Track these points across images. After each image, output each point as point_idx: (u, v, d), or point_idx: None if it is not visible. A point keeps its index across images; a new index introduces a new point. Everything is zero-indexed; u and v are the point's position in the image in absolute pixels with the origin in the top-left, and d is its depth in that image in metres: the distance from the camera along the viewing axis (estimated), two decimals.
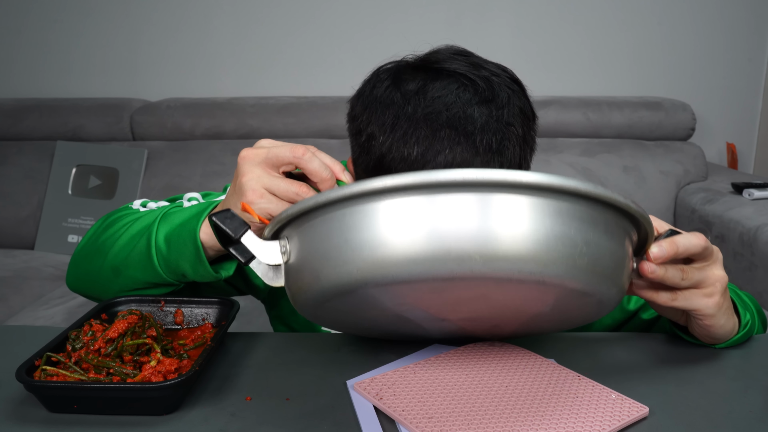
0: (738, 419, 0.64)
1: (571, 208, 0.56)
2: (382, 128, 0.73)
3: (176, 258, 0.75)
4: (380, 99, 0.74)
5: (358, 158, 0.78)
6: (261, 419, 0.64)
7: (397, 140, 0.71)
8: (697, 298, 0.69)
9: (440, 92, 0.71)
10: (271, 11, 2.59)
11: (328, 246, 0.56)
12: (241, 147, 2.62)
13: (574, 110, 2.38)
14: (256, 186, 0.67)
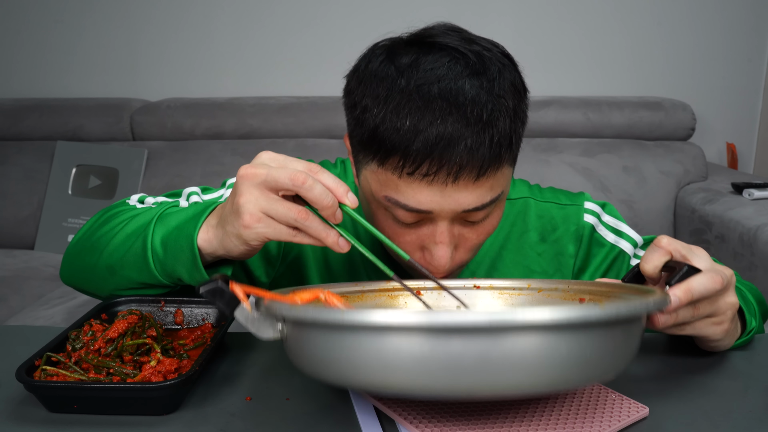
0: (738, 419, 0.64)
1: (588, 335, 0.52)
2: (376, 100, 0.73)
3: (172, 262, 0.74)
4: (374, 72, 0.75)
5: (353, 131, 0.78)
6: (261, 419, 0.64)
7: (389, 112, 0.71)
8: (706, 327, 0.69)
9: (432, 65, 0.72)
10: (271, 11, 2.59)
11: (326, 354, 0.54)
12: (241, 147, 2.63)
13: (574, 110, 2.39)
14: (253, 209, 0.65)
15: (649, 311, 0.56)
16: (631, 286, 0.69)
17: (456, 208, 0.73)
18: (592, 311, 0.50)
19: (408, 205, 0.73)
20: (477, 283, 0.80)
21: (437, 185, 0.71)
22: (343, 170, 1.01)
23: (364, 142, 0.75)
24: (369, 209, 0.81)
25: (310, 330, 0.54)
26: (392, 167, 0.72)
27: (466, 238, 0.79)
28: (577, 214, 0.97)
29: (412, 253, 0.79)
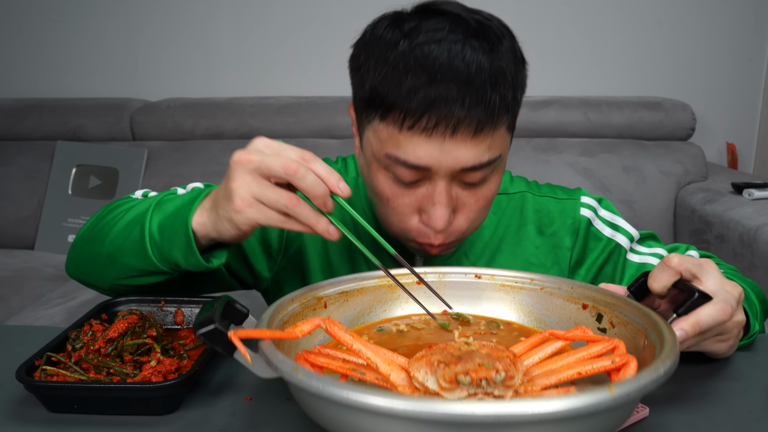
0: (738, 419, 0.64)
1: (596, 418, 0.50)
2: (379, 60, 0.76)
3: (169, 246, 0.75)
4: (379, 36, 0.78)
5: (357, 92, 0.81)
6: (261, 419, 0.64)
7: (392, 70, 0.74)
8: (711, 344, 0.70)
9: (434, 27, 0.75)
10: (271, 11, 2.59)
11: (323, 412, 0.54)
12: (241, 147, 2.62)
13: (574, 110, 2.38)
14: (245, 194, 0.67)
15: (659, 385, 0.54)
16: (637, 306, 0.68)
17: (454, 164, 0.75)
18: (603, 398, 0.48)
19: (408, 160, 0.75)
20: (478, 273, 0.80)
21: (436, 139, 0.74)
22: (344, 167, 1.02)
23: (366, 99, 0.78)
24: (369, 174, 0.82)
25: (309, 396, 0.54)
26: (393, 121, 0.75)
27: (464, 202, 0.80)
28: (573, 207, 0.98)
29: (410, 216, 0.81)
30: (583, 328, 0.68)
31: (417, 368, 0.59)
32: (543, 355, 0.66)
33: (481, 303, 0.80)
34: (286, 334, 0.60)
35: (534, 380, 0.61)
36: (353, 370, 0.62)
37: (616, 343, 0.63)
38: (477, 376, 0.55)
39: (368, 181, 0.85)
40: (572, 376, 0.61)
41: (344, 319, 0.76)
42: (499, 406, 0.47)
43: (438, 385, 0.57)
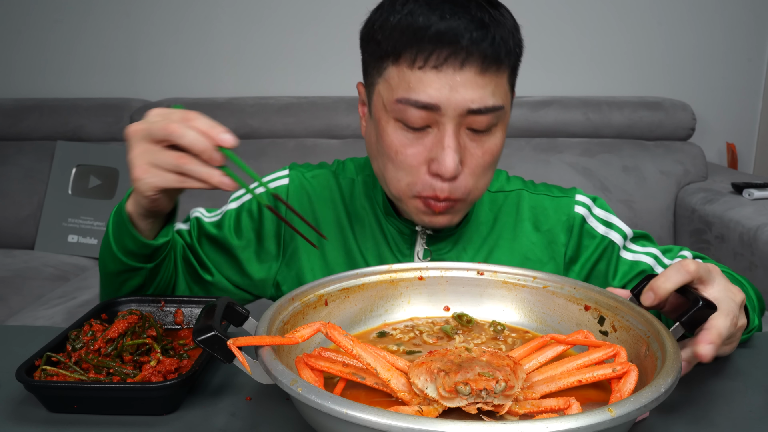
0: (738, 419, 0.64)
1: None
2: (393, 11, 0.82)
3: (120, 237, 0.82)
4: (390, 1, 0.85)
5: (368, 58, 0.87)
6: (261, 419, 0.64)
7: (405, 16, 0.81)
8: (722, 350, 0.72)
9: None
10: (271, 11, 2.59)
11: (322, 424, 0.54)
12: (241, 147, 2.62)
13: (574, 110, 2.38)
14: (140, 162, 0.72)
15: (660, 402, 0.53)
16: (640, 312, 0.68)
17: (461, 103, 0.79)
18: (602, 419, 0.48)
19: (419, 99, 0.80)
20: (480, 269, 0.80)
21: (445, 74, 0.79)
22: (341, 167, 1.04)
23: (381, 51, 0.83)
24: (379, 134, 0.86)
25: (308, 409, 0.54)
26: (406, 62, 0.80)
27: (472, 153, 0.83)
28: (568, 205, 1.00)
29: (418, 168, 0.84)
30: (585, 332, 0.68)
31: (417, 375, 0.59)
32: (543, 360, 0.66)
33: (483, 300, 0.79)
34: (285, 340, 0.60)
35: (534, 387, 0.61)
36: (353, 374, 0.62)
37: (618, 349, 0.63)
38: (477, 387, 0.55)
39: (377, 146, 0.88)
40: (572, 383, 0.61)
41: (346, 318, 0.76)
42: (499, 427, 0.47)
43: (438, 394, 0.57)
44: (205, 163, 0.71)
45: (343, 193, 1.00)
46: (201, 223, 0.99)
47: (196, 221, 1.00)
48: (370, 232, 0.98)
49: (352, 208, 0.99)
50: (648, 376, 0.60)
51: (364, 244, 0.98)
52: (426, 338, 0.74)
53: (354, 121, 2.36)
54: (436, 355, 0.61)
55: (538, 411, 0.58)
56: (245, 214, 0.98)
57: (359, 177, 1.01)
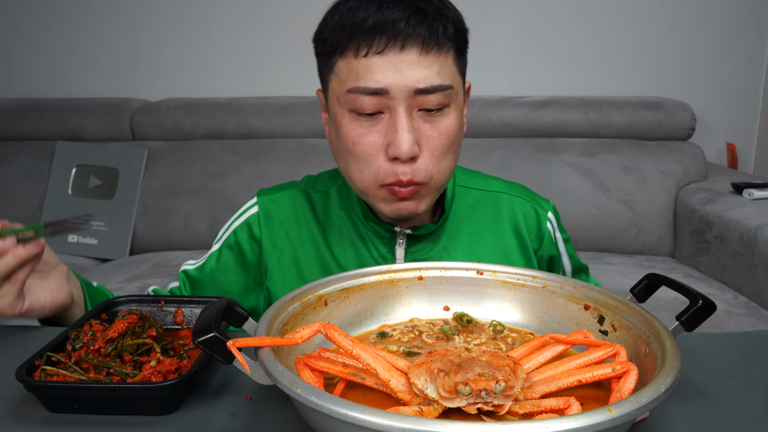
0: (738, 419, 0.64)
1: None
2: (336, 11, 0.87)
3: None
4: (333, 3, 0.90)
5: (323, 54, 0.92)
6: (261, 419, 0.64)
7: (345, 13, 0.85)
8: None
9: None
10: (271, 11, 2.59)
11: (323, 425, 0.54)
12: (241, 147, 2.62)
13: (574, 110, 2.38)
14: None
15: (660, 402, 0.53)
16: (640, 312, 0.68)
17: (408, 84, 0.82)
18: (602, 419, 0.48)
19: (368, 86, 0.83)
20: (480, 269, 0.80)
21: (389, 58, 0.82)
22: (312, 183, 1.05)
23: (327, 47, 0.88)
24: (337, 129, 0.88)
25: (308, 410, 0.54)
26: (351, 54, 0.84)
27: (426, 135, 0.85)
28: (542, 218, 1.03)
29: (377, 156, 0.86)
30: (585, 331, 0.68)
31: (417, 375, 0.59)
32: (543, 359, 0.66)
33: (483, 300, 0.79)
34: (285, 341, 0.60)
35: (534, 386, 0.61)
36: (353, 375, 0.62)
37: (618, 349, 0.63)
38: (477, 387, 0.55)
39: (337, 143, 0.90)
40: (572, 383, 0.61)
41: (346, 318, 0.76)
42: (499, 428, 0.47)
43: (438, 394, 0.57)
44: None
45: (314, 208, 1.01)
46: (188, 274, 1.04)
47: (183, 274, 1.05)
48: (348, 240, 0.99)
49: (328, 221, 1.00)
50: (648, 375, 0.60)
51: (342, 254, 0.98)
52: (426, 338, 0.74)
53: None
54: (435, 356, 0.61)
55: (538, 411, 0.58)
56: (226, 249, 1.02)
57: (333, 188, 1.02)
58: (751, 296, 1.88)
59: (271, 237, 1.00)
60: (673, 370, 0.55)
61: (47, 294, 0.85)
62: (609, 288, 0.76)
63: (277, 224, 1.01)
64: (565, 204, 2.26)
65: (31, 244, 0.79)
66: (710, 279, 2.04)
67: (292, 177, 1.10)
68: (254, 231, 1.01)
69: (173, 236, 2.35)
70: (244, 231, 1.01)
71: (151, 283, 1.97)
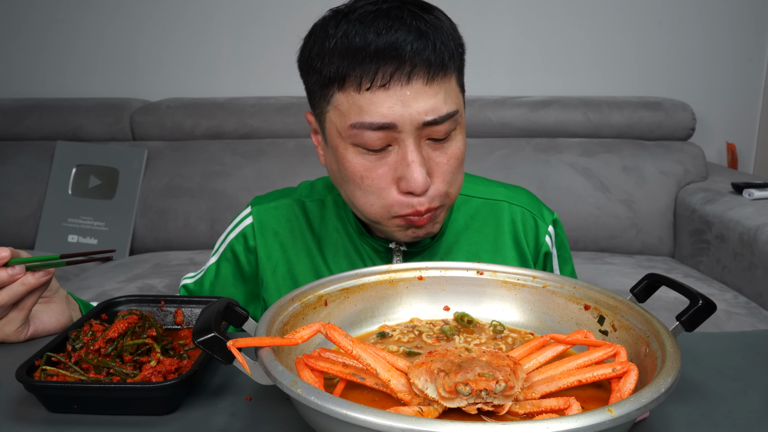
0: (738, 419, 0.64)
1: None
2: (327, 38, 0.80)
3: None
4: (321, 23, 0.84)
5: (311, 89, 0.85)
6: (261, 419, 0.64)
7: (340, 38, 0.79)
8: None
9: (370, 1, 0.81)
10: (271, 11, 2.59)
11: (323, 425, 0.54)
12: (241, 147, 2.62)
13: (574, 110, 2.38)
14: None
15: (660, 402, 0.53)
16: (640, 312, 0.68)
17: (416, 117, 0.78)
18: (602, 419, 0.48)
19: (373, 121, 0.78)
20: (480, 268, 0.80)
21: (394, 91, 0.77)
22: (309, 190, 1.03)
23: (323, 80, 0.81)
24: (339, 162, 0.84)
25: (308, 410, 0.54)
26: (352, 87, 0.78)
27: (437, 162, 0.82)
28: (541, 231, 1.01)
29: (388, 190, 0.82)
30: (585, 331, 0.68)
31: (417, 375, 0.59)
32: (543, 359, 0.65)
33: (483, 300, 0.79)
34: (285, 341, 0.60)
35: (534, 387, 0.61)
36: (353, 375, 0.62)
37: (618, 349, 0.63)
38: (477, 387, 0.55)
39: (339, 173, 0.86)
40: (572, 383, 0.61)
41: (345, 318, 0.76)
42: (499, 428, 0.47)
43: (438, 394, 0.57)
44: None
45: (310, 218, 1.00)
46: (188, 288, 1.04)
47: (184, 289, 1.05)
48: (344, 253, 0.97)
49: (324, 232, 0.99)
50: (648, 375, 0.60)
51: (336, 265, 0.97)
52: (426, 339, 0.74)
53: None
54: (436, 356, 0.61)
55: (538, 411, 0.58)
56: (224, 262, 1.02)
57: (329, 197, 1.00)
58: (751, 296, 1.88)
59: (266, 249, 0.99)
60: (673, 370, 0.55)
61: (52, 318, 0.85)
62: (609, 288, 0.76)
63: (272, 236, 0.99)
64: (565, 204, 2.26)
65: (41, 273, 0.79)
66: (710, 279, 2.04)
67: (292, 177, 1.10)
68: (250, 243, 0.99)
69: (173, 236, 2.35)
70: (240, 243, 1.00)
71: (151, 284, 1.97)
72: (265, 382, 0.59)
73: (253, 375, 0.59)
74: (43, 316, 0.84)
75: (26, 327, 0.82)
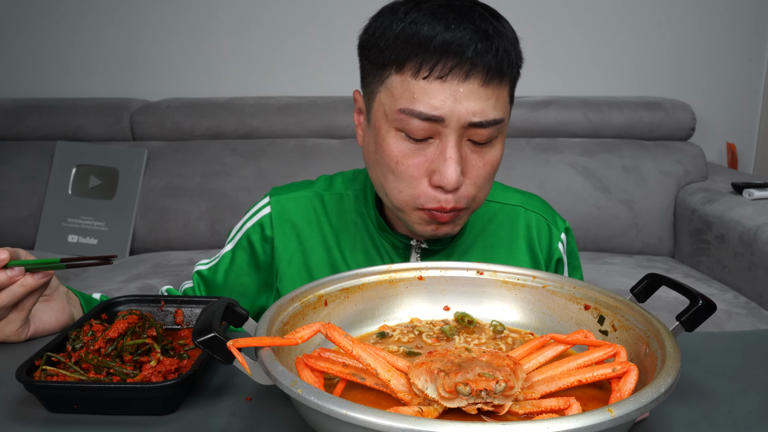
0: (738, 419, 0.64)
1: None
2: (396, 19, 0.81)
3: None
4: (391, 8, 0.85)
5: (370, 59, 0.85)
6: (261, 419, 0.64)
7: (409, 24, 0.80)
8: None
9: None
10: (271, 11, 2.59)
11: (323, 425, 0.54)
12: (241, 147, 2.62)
13: (574, 110, 2.38)
14: None
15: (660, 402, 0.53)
16: (640, 311, 0.68)
17: (464, 116, 0.79)
18: (602, 419, 0.48)
19: (423, 111, 0.79)
20: (480, 268, 0.80)
21: (450, 85, 0.79)
22: (328, 184, 1.03)
23: (384, 59, 0.82)
24: (379, 143, 0.85)
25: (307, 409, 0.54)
26: (411, 71, 0.80)
27: (473, 164, 0.83)
28: (554, 238, 1.02)
29: (420, 180, 0.83)
30: (585, 331, 0.68)
31: (417, 375, 0.59)
32: (543, 359, 0.65)
33: (483, 300, 0.79)
34: (285, 341, 0.60)
35: (534, 387, 0.61)
36: (353, 375, 0.62)
37: (618, 349, 0.63)
38: (477, 387, 0.55)
39: (375, 155, 0.87)
40: (572, 383, 0.61)
41: (346, 318, 0.76)
42: (499, 428, 0.47)
43: (438, 394, 0.57)
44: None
45: (328, 212, 1.00)
46: (202, 274, 1.03)
47: (197, 275, 1.04)
48: (362, 247, 0.98)
49: (342, 225, 0.99)
50: (648, 375, 0.60)
51: (354, 260, 0.97)
52: (426, 339, 0.74)
53: (353, 121, 2.36)
54: (436, 356, 0.61)
55: (538, 411, 0.58)
56: (240, 250, 1.01)
57: (349, 192, 1.01)
58: (751, 296, 1.88)
59: (283, 239, 0.99)
60: (673, 370, 0.55)
61: (51, 317, 0.84)
62: (609, 288, 0.76)
63: (289, 227, 0.99)
64: (565, 204, 2.26)
65: (40, 274, 0.78)
66: (710, 279, 2.04)
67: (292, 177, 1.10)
68: (266, 232, 0.99)
69: (173, 236, 2.35)
70: (256, 232, 1.00)
71: (151, 284, 1.97)
72: (265, 382, 0.59)
73: (253, 375, 0.59)
74: (43, 316, 0.84)
75: (26, 327, 0.82)
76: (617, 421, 0.48)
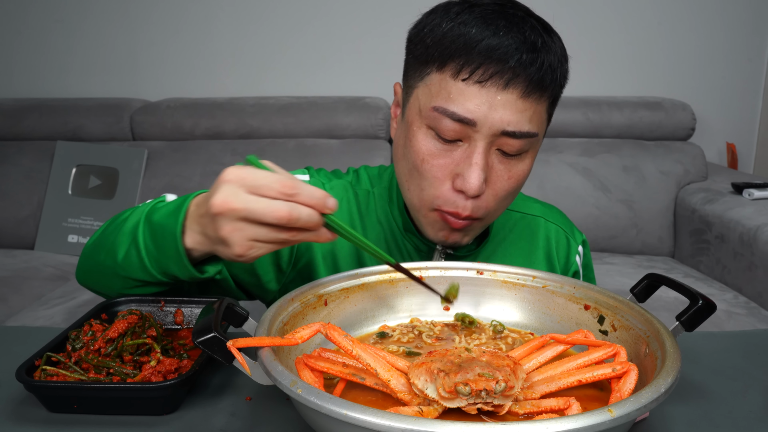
0: (738, 419, 0.64)
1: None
2: (446, 17, 0.81)
3: (165, 262, 0.75)
4: (445, 6, 0.84)
5: (411, 60, 0.85)
6: (261, 419, 0.64)
7: (458, 24, 0.79)
8: None
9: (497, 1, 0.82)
10: (271, 11, 2.59)
11: (322, 425, 0.54)
12: (241, 147, 2.60)
13: (574, 110, 2.39)
14: (241, 241, 0.66)
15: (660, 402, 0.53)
16: (640, 311, 0.68)
17: (498, 123, 0.78)
18: (602, 419, 0.48)
19: (456, 112, 0.79)
20: (480, 268, 0.80)
21: (488, 91, 0.78)
22: (355, 178, 1.02)
23: (427, 55, 0.82)
24: (408, 138, 0.84)
25: (307, 409, 0.54)
26: (451, 71, 0.79)
27: (498, 175, 0.82)
28: (572, 250, 1.02)
29: (443, 181, 0.82)
30: (585, 331, 0.68)
31: (417, 375, 0.59)
32: (543, 359, 0.66)
33: (483, 300, 0.79)
34: (285, 341, 0.60)
35: (534, 387, 0.61)
36: (353, 375, 0.62)
37: (618, 349, 0.63)
38: (477, 388, 0.55)
39: (404, 150, 0.86)
40: (572, 383, 0.61)
41: (346, 318, 0.76)
42: (499, 428, 0.47)
43: (438, 394, 0.57)
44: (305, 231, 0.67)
45: (360, 205, 0.98)
46: None
47: None
48: (384, 246, 0.96)
49: (368, 221, 0.98)
50: (648, 375, 0.60)
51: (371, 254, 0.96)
52: (426, 339, 0.74)
53: (354, 121, 2.36)
54: (435, 356, 0.61)
55: (538, 411, 0.58)
56: None
57: (375, 189, 0.99)
58: (751, 296, 1.88)
59: None
60: (673, 370, 0.56)
61: None
62: (609, 288, 0.76)
63: None
64: (565, 204, 2.26)
65: (332, 235, 0.69)
66: (710, 279, 2.04)
67: None
68: None
69: None
70: None
71: None
72: (265, 382, 0.59)
73: (253, 375, 0.59)
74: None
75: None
76: (617, 421, 0.48)
